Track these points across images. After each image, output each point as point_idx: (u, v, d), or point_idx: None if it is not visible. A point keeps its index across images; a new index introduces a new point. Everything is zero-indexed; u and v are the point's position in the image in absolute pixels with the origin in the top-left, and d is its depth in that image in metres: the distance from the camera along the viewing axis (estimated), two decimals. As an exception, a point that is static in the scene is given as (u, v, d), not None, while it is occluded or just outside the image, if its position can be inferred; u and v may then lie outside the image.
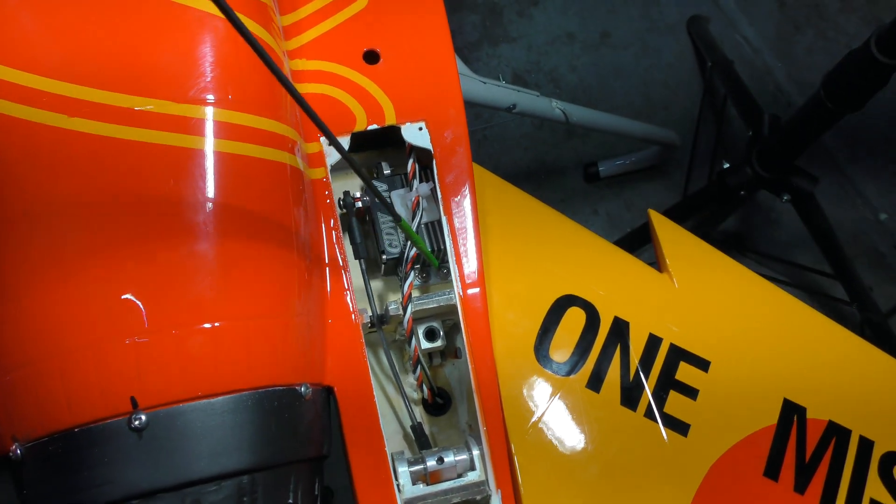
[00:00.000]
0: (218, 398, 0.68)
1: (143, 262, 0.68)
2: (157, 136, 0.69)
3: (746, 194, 1.72)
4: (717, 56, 2.04)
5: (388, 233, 0.86)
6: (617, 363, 0.85)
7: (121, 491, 0.65)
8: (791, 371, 0.88)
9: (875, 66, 1.32)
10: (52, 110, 0.68)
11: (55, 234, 0.67)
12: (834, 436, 0.85)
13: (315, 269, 0.80)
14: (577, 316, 0.86)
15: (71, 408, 0.66)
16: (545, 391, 0.83)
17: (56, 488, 0.67)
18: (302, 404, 0.74)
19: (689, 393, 0.85)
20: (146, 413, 0.66)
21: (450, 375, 0.90)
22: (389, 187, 0.88)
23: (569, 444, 0.82)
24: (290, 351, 0.74)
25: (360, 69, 0.87)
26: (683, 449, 0.82)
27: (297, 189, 0.78)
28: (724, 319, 0.89)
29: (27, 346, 0.67)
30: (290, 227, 0.76)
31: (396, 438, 0.86)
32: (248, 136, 0.73)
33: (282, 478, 0.71)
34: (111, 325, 0.66)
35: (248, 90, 0.75)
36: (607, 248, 0.91)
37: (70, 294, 0.67)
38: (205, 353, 0.68)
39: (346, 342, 0.81)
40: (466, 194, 0.87)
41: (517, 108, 1.63)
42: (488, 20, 2.21)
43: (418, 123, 0.87)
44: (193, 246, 0.69)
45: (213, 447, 0.67)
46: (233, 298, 0.70)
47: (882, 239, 2.08)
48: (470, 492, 0.80)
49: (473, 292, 0.85)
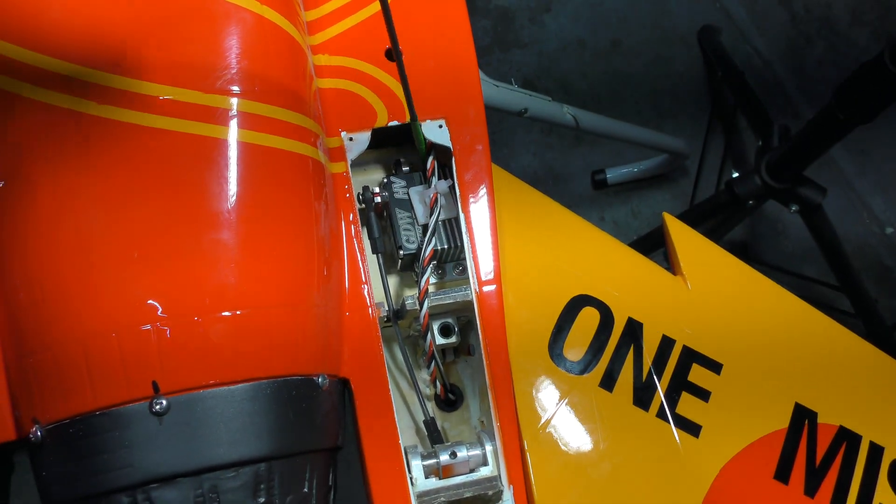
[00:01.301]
0: (237, 385, 0.69)
1: (167, 248, 0.68)
2: (184, 125, 0.70)
3: (755, 204, 1.73)
4: (728, 66, 2.05)
5: (406, 228, 0.87)
6: (630, 363, 0.85)
7: (140, 475, 0.66)
8: (803, 376, 0.88)
9: (888, 77, 1.33)
10: (80, 97, 0.69)
11: (80, 220, 0.68)
12: (844, 441, 0.86)
13: (334, 262, 0.81)
14: (591, 316, 0.87)
15: (94, 391, 0.66)
16: (558, 389, 0.84)
17: (75, 470, 0.67)
18: (319, 395, 0.74)
19: (701, 395, 0.85)
20: (167, 398, 0.66)
21: (462, 372, 0.91)
22: (408, 184, 0.89)
23: (581, 442, 0.82)
24: (308, 341, 0.75)
25: (382, 66, 0.88)
26: (695, 450, 0.83)
27: (318, 182, 0.79)
28: (737, 323, 0.90)
29: (52, 329, 0.68)
30: (311, 219, 0.77)
31: (409, 433, 0.87)
32: (273, 127, 0.74)
33: (298, 467, 0.72)
34: (134, 310, 0.67)
35: (274, 82, 0.75)
36: (622, 249, 0.92)
37: (94, 279, 0.67)
38: (225, 341, 0.69)
39: (362, 335, 0.81)
40: (484, 192, 0.88)
41: (528, 112, 1.64)
42: (500, 25, 2.22)
43: (438, 121, 0.88)
44: (216, 234, 0.70)
45: (232, 434, 0.68)
46: (254, 287, 0.71)
47: (888, 253, 2.09)
48: (482, 486, 0.80)
49: (489, 290, 0.86)
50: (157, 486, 0.66)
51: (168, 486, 0.66)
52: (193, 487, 0.67)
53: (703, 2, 2.25)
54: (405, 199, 0.88)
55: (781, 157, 1.66)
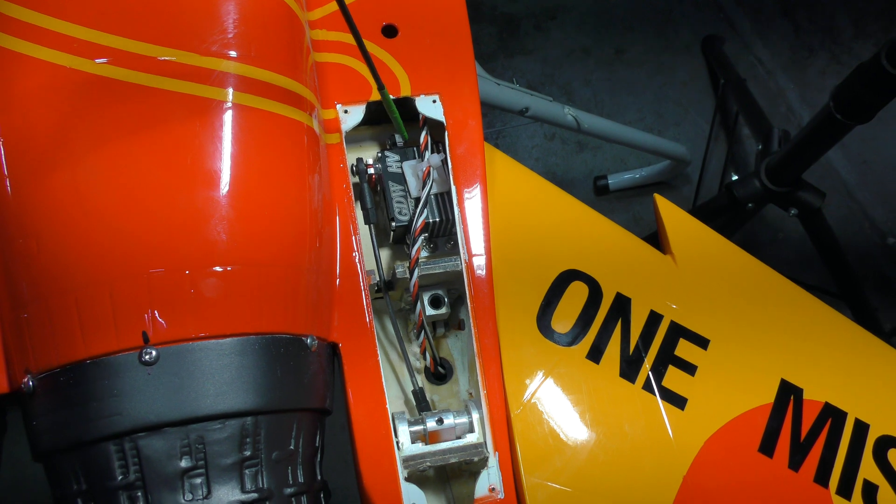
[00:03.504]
0: (226, 339, 0.70)
1: (161, 202, 0.70)
2: (182, 86, 0.72)
3: (754, 207, 1.74)
4: (730, 74, 2.07)
5: (399, 201, 0.88)
6: (617, 337, 0.86)
7: (129, 423, 0.67)
8: (789, 353, 0.89)
9: (885, 77, 1.34)
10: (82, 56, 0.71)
11: (77, 175, 0.70)
12: (830, 417, 0.86)
13: (326, 229, 0.82)
14: (580, 290, 0.88)
15: (85, 340, 0.68)
16: (545, 360, 0.85)
17: (65, 418, 0.68)
18: (308, 355, 0.75)
19: (687, 369, 0.86)
20: (157, 348, 0.67)
21: (452, 347, 0.92)
22: (402, 158, 0.90)
23: (566, 412, 0.83)
24: (298, 303, 0.76)
25: (379, 42, 0.90)
26: (680, 422, 0.83)
27: (313, 150, 0.81)
28: (725, 300, 0.91)
29: (46, 281, 0.70)
30: (305, 183, 0.78)
31: (398, 403, 0.88)
32: (270, 92, 0.76)
33: (284, 424, 0.73)
34: (127, 262, 0.68)
35: (271, 49, 0.77)
36: (611, 227, 0.93)
37: (88, 230, 0.69)
38: (215, 295, 0.70)
39: (352, 302, 0.83)
40: (476, 166, 0.89)
41: (530, 111, 1.66)
42: (505, 32, 2.24)
43: (432, 96, 0.89)
44: (209, 191, 0.71)
45: (219, 386, 0.69)
46: (245, 245, 0.72)
47: (889, 263, 2.09)
48: (468, 452, 0.81)
49: (479, 262, 0.87)
50: (145, 435, 0.67)
51: (155, 435, 0.67)
52: (180, 437, 0.67)
53: (706, 12, 2.28)
54: (399, 172, 0.89)
55: (780, 160, 1.67)
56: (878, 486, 0.84)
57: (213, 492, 0.68)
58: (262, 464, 0.70)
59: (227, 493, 0.68)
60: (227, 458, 0.69)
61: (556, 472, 0.80)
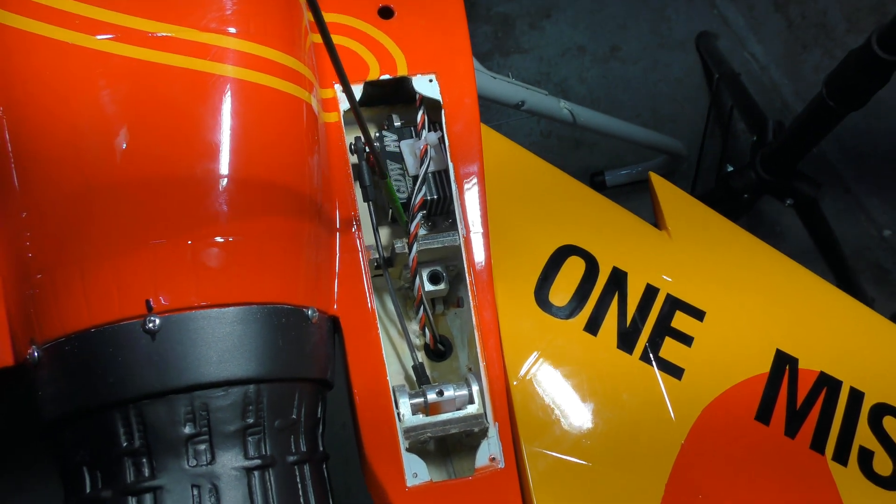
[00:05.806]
0: (229, 308, 0.71)
1: (162, 174, 0.71)
2: (181, 60, 0.73)
3: (750, 198, 1.75)
4: (725, 69, 2.08)
5: (397, 180, 0.89)
6: (615, 310, 0.87)
7: (133, 390, 0.68)
8: (784, 324, 0.90)
9: (877, 63, 1.36)
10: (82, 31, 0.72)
11: (78, 145, 0.71)
12: (825, 386, 0.87)
13: (326, 204, 0.83)
14: (576, 265, 0.89)
15: (90, 309, 0.69)
16: (543, 332, 0.86)
17: (70, 386, 0.69)
18: (309, 325, 0.77)
19: (684, 340, 0.87)
20: (160, 316, 0.68)
21: (451, 324, 0.93)
22: (399, 138, 0.91)
23: (565, 383, 0.84)
24: (300, 274, 0.77)
25: (375, 23, 0.91)
26: (677, 391, 0.84)
27: (312, 126, 0.82)
28: (720, 273, 0.92)
29: (50, 252, 0.71)
30: (304, 157, 0.80)
31: (398, 378, 0.88)
32: (269, 67, 0.77)
33: (286, 393, 0.74)
34: (130, 232, 0.70)
35: (270, 26, 0.78)
36: (608, 204, 0.95)
37: (91, 202, 0.70)
38: (218, 265, 0.71)
39: (353, 277, 0.84)
40: (473, 144, 0.90)
41: (525, 105, 1.67)
42: (500, 31, 2.26)
43: (429, 76, 0.91)
44: (209, 163, 0.72)
45: (222, 354, 0.70)
46: (247, 216, 0.73)
47: (886, 255, 2.11)
48: (468, 423, 0.82)
49: (477, 237, 0.88)
50: (149, 402, 0.68)
51: (160, 402, 0.68)
52: (184, 404, 0.68)
53: (700, 8, 2.30)
54: (397, 151, 0.90)
55: (775, 150, 1.69)
56: (874, 453, 0.85)
57: (216, 458, 0.69)
58: (264, 431, 0.71)
59: (230, 458, 0.69)
60: (231, 424, 0.70)
61: (556, 440, 0.81)
